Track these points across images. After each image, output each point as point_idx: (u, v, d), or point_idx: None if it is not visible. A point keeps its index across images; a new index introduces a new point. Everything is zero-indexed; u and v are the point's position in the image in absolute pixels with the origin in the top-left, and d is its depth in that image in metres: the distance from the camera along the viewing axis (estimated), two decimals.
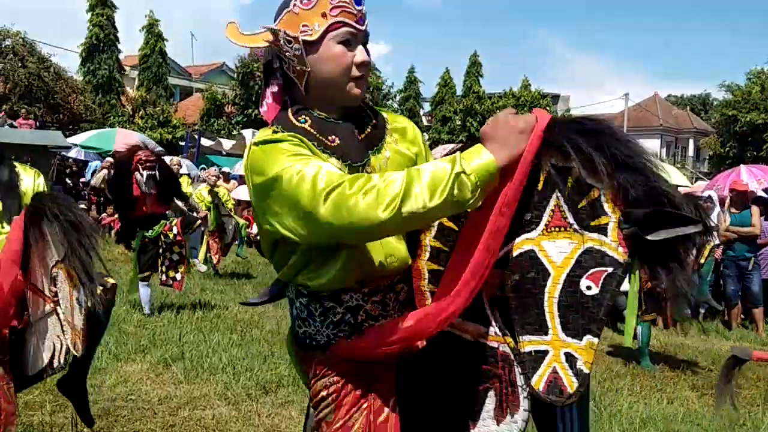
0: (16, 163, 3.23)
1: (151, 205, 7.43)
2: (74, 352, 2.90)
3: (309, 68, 1.82)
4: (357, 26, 1.81)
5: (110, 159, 18.87)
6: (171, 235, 7.57)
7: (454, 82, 36.59)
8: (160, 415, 4.61)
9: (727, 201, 9.02)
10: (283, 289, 2.03)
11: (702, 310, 9.06)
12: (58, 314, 2.91)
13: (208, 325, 7.31)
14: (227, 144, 23.61)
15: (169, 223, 7.61)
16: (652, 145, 40.89)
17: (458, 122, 32.20)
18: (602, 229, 1.66)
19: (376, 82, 28.92)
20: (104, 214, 15.16)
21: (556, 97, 40.36)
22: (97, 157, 18.50)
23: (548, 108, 32.54)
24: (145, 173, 7.23)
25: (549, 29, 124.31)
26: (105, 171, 12.84)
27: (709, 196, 9.31)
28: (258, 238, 13.81)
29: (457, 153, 1.63)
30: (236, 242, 11.82)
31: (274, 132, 1.80)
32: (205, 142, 24.27)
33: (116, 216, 14.25)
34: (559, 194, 1.69)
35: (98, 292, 2.86)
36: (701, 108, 61.02)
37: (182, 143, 26.44)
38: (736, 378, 2.72)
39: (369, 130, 1.91)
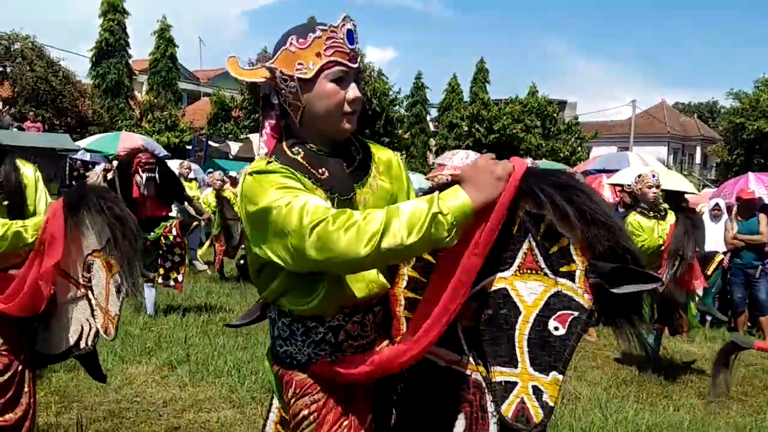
0: (17, 158, 3.34)
1: (151, 208, 7.41)
2: (105, 335, 3.09)
3: (303, 104, 1.91)
4: (349, 64, 1.90)
5: (115, 162, 18.99)
6: (171, 237, 7.58)
7: (461, 88, 36.60)
8: (165, 418, 4.62)
9: (734, 209, 8.99)
10: (265, 309, 2.14)
11: (708, 318, 9.03)
12: (89, 299, 3.09)
13: (213, 328, 7.32)
14: (235, 147, 23.64)
15: (169, 225, 7.61)
16: (659, 152, 40.84)
17: (465, 128, 32.15)
18: (570, 276, 1.78)
19: (383, 88, 28.90)
20: None
21: (563, 104, 40.31)
22: (104, 160, 18.55)
23: (555, 115, 32.51)
24: (144, 175, 7.24)
25: (557, 36, 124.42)
26: (101, 170, 12.88)
27: (717, 204, 9.29)
28: None
29: (436, 193, 1.72)
30: (243, 246, 11.83)
31: (268, 163, 1.89)
32: (213, 143, 24.31)
33: None
34: (531, 239, 1.81)
35: (139, 281, 3.01)
36: (709, 115, 60.89)
37: (189, 147, 26.52)
38: (732, 364, 2.73)
39: (356, 163, 2.01)
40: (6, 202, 3.22)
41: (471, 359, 1.91)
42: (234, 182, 12.57)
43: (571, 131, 32.71)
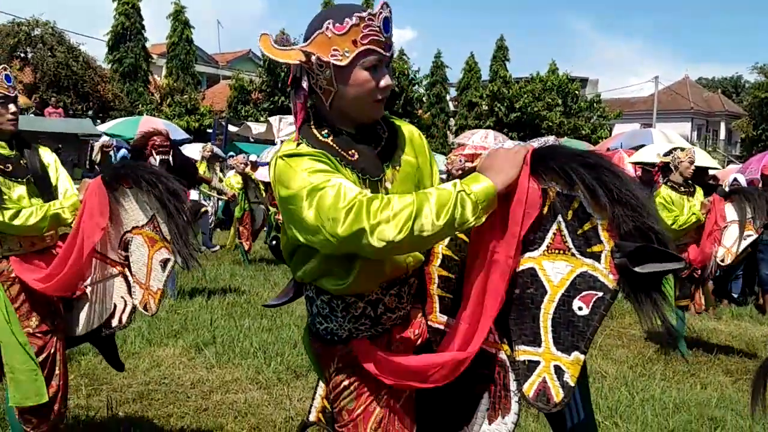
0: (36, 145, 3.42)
1: None
2: (144, 311, 3.06)
3: (336, 89, 1.92)
4: (384, 53, 1.91)
5: (110, 139, 19.08)
6: None
7: (478, 67, 36.29)
8: (193, 399, 4.67)
9: (760, 184, 8.86)
10: (300, 288, 2.16)
11: (734, 295, 8.94)
12: (126, 277, 3.10)
13: (238, 310, 7.37)
14: (255, 129, 23.65)
15: None
16: (682, 128, 40.36)
17: (485, 107, 31.95)
18: (596, 256, 1.80)
19: (402, 68, 28.76)
20: None
21: (584, 81, 39.89)
22: (125, 144, 18.66)
23: (577, 92, 32.18)
24: (158, 158, 7.29)
25: (577, 13, 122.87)
26: (99, 146, 12.98)
27: (735, 179, 9.16)
28: None
29: (456, 180, 1.78)
30: (265, 228, 11.88)
31: (298, 145, 1.91)
32: (232, 128, 24.34)
33: None
34: (561, 220, 1.84)
35: (195, 253, 3.01)
36: (732, 90, 60.06)
37: (210, 131, 26.58)
38: None
39: (384, 143, 2.03)
40: (32, 185, 3.28)
41: (496, 337, 1.93)
42: (254, 166, 12.61)
43: (593, 109, 32.39)
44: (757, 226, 5.84)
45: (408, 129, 2.15)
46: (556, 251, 1.85)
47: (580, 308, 1.80)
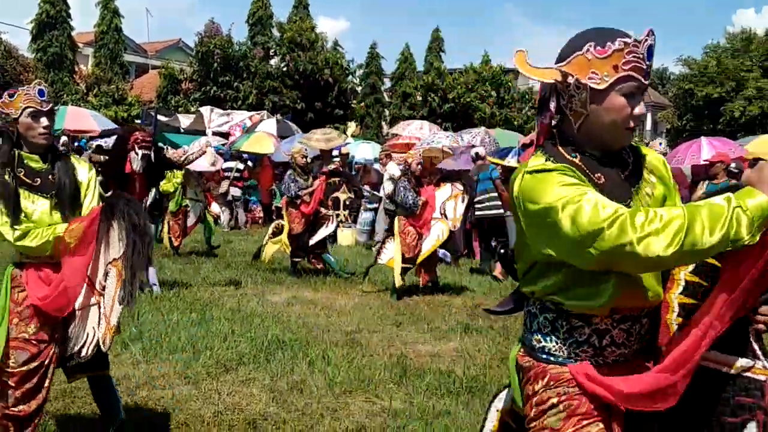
0: (72, 157, 3.47)
1: (140, 188, 7.52)
2: (102, 347, 3.17)
3: (588, 113, 1.89)
4: (643, 81, 1.87)
5: (65, 138, 18.46)
6: None
7: (413, 58, 36.38)
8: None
9: (690, 177, 9.17)
10: (520, 302, 2.15)
11: None
12: (100, 307, 3.18)
13: (167, 304, 7.23)
14: (185, 121, 23.19)
15: None
16: None
17: (419, 98, 32.05)
18: None
19: (335, 58, 28.58)
20: None
21: (517, 73, 40.27)
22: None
23: (510, 84, 32.60)
24: (140, 152, 7.41)
25: (510, 3, 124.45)
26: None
27: (681, 170, 9.47)
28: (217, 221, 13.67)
29: (729, 193, 1.69)
30: (203, 229, 11.62)
31: (547, 160, 1.87)
32: (162, 118, 23.79)
33: None
34: None
35: (136, 294, 3.14)
36: (658, 82, 61.78)
37: (138, 121, 25.94)
38: None
39: (630, 168, 1.98)
40: (56, 201, 3.28)
41: (765, 363, 1.86)
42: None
43: (525, 100, 32.86)
44: None
45: (654, 156, 2.09)
46: None
47: None
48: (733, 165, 10.17)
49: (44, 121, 3.24)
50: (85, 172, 3.42)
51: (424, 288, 8.72)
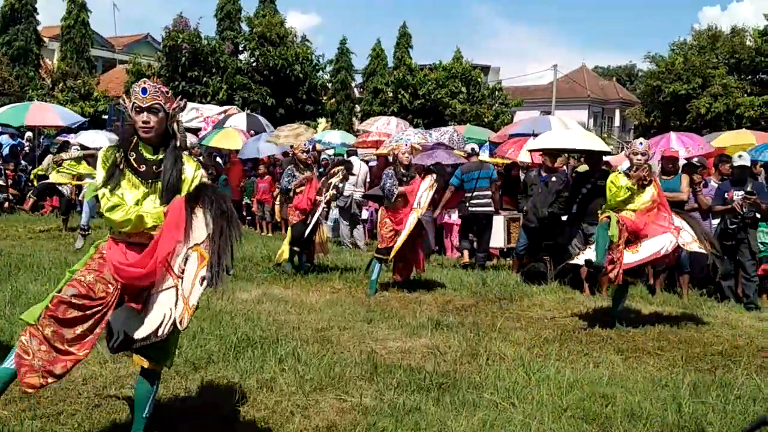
0: (185, 155, 3.72)
1: None
2: (179, 326, 3.33)
3: None
4: None
5: (29, 134, 18.15)
6: None
7: (385, 54, 36.40)
8: (85, 395, 4.49)
9: (658, 168, 9.24)
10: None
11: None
12: (177, 289, 3.37)
13: None
14: None
15: None
16: (580, 115, 41.69)
17: (390, 94, 32.09)
18: None
19: (305, 53, 28.45)
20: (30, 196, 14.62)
21: (486, 69, 40.56)
22: (11, 131, 17.73)
23: (479, 80, 32.73)
24: None
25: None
26: (50, 158, 12.39)
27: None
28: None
29: None
30: None
31: None
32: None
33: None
34: None
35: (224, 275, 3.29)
36: (627, 79, 62.46)
37: (105, 117, 25.61)
38: None
39: None
40: (152, 189, 3.60)
41: None
42: None
43: (495, 96, 33.03)
44: None
45: None
46: None
47: None
48: (695, 159, 10.33)
49: (144, 116, 3.56)
50: (191, 170, 3.67)
51: (395, 284, 8.73)
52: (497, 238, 11.52)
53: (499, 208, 11.60)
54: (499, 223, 11.48)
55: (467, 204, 10.90)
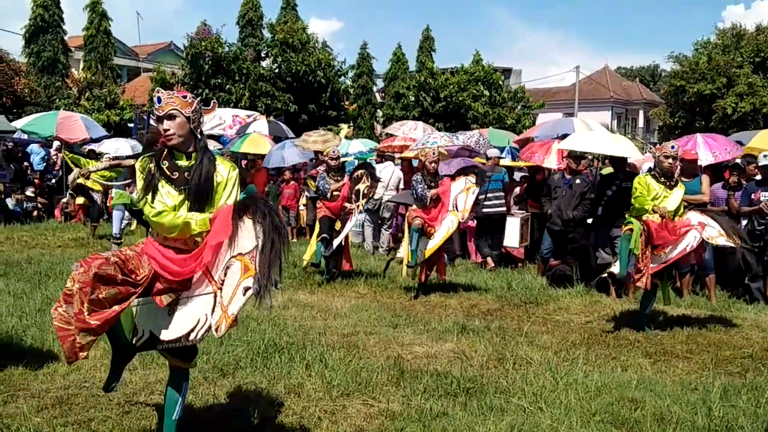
0: (216, 157, 3.76)
1: None
2: (215, 333, 3.34)
3: None
4: None
5: (57, 143, 18.37)
6: None
7: (406, 58, 36.42)
8: (116, 402, 4.55)
9: (677, 170, 9.13)
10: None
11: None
12: (215, 296, 3.39)
13: None
14: None
15: None
16: (603, 117, 41.41)
17: (411, 98, 32.07)
18: None
19: (327, 59, 28.54)
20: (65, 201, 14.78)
21: (507, 72, 40.42)
22: (41, 141, 17.93)
23: (501, 83, 32.63)
24: None
25: (499, 2, 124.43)
26: (77, 171, 12.52)
27: (650, 167, 9.44)
28: None
29: None
30: None
31: None
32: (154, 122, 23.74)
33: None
34: None
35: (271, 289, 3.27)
36: (650, 79, 61.93)
37: (131, 125, 25.85)
38: None
39: None
40: (185, 195, 3.64)
41: None
42: None
43: (517, 99, 32.90)
44: None
45: None
46: None
47: None
48: (738, 160, 10.19)
49: (164, 124, 3.63)
50: (225, 171, 3.71)
51: (420, 287, 8.71)
52: (512, 238, 11.66)
53: (512, 210, 11.79)
54: (515, 224, 11.63)
55: (481, 206, 10.95)
